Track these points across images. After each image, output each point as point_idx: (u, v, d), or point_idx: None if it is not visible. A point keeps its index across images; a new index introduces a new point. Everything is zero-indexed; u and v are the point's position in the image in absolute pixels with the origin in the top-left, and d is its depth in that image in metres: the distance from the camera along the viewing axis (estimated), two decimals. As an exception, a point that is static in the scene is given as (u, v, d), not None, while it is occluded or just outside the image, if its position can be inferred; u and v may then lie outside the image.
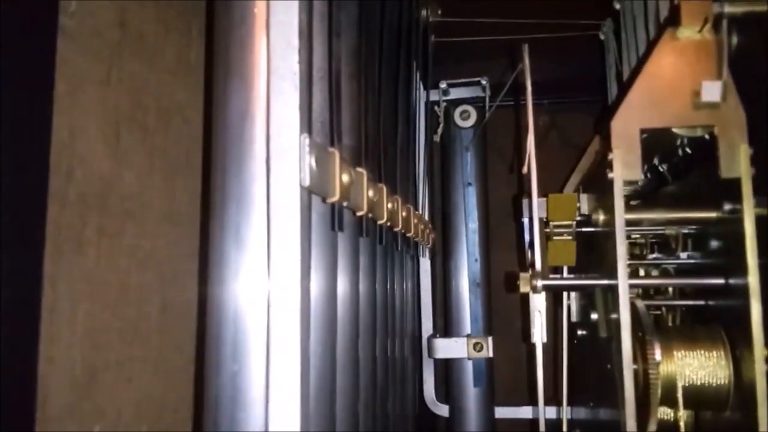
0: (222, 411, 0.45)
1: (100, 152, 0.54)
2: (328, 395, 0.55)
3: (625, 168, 0.60)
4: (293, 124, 0.42)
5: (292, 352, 0.41)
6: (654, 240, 0.86)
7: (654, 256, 0.86)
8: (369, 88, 0.68)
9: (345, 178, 0.49)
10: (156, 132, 0.62)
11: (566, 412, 0.82)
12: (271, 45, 0.44)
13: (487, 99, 1.16)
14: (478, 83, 1.19)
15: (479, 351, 1.07)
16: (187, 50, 0.66)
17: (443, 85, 1.19)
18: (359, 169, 0.57)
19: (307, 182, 0.42)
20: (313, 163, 0.43)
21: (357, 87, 0.63)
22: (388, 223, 0.70)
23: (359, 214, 0.58)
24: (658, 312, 0.83)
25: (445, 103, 1.20)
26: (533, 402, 1.18)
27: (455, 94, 1.21)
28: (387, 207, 0.67)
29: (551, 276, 0.77)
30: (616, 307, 0.62)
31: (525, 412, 1.17)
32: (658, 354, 0.61)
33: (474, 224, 1.14)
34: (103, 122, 0.55)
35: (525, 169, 0.67)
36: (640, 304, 0.64)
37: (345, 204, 0.51)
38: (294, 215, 0.42)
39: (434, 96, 1.20)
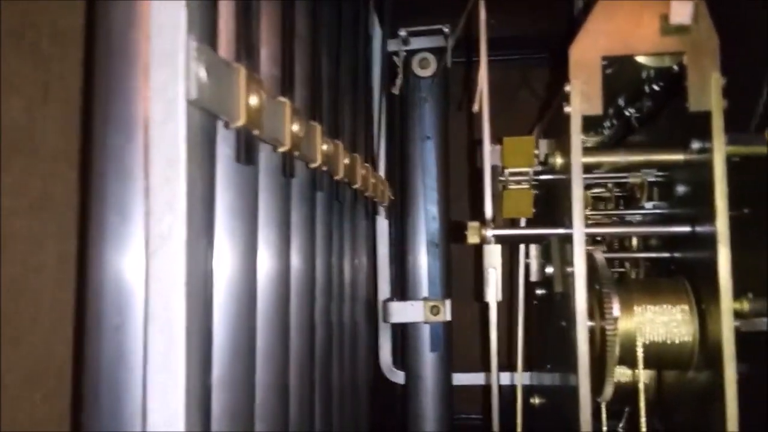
0: (102, 372, 0.39)
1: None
2: (244, 359, 0.48)
3: (584, 101, 0.53)
4: (177, 22, 0.34)
5: (174, 310, 0.34)
6: (619, 193, 0.80)
7: (619, 208, 0.81)
8: (300, 15, 0.60)
9: (254, 100, 0.42)
10: (52, 57, 0.54)
11: (521, 378, 0.77)
12: (155, -70, 0.36)
13: (449, 47, 1.08)
14: (440, 32, 1.11)
15: (436, 314, 1.01)
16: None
17: (403, 33, 1.11)
18: (281, 98, 0.50)
19: (194, 95, 0.34)
20: (203, 73, 0.35)
21: (280, 10, 0.55)
22: (324, 168, 0.63)
23: (281, 149, 0.50)
24: (622, 269, 0.78)
25: (404, 53, 1.13)
26: (487, 368, 1.13)
27: (416, 43, 1.13)
28: (321, 148, 0.59)
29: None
30: (571, 258, 0.56)
31: (482, 378, 1.12)
32: (616, 309, 0.55)
33: (432, 181, 1.07)
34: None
35: (476, 107, 0.60)
36: (599, 255, 0.58)
37: (256, 133, 0.44)
38: (178, 134, 0.34)
39: (393, 46, 1.12)
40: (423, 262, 1.08)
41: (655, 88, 0.61)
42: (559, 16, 1.18)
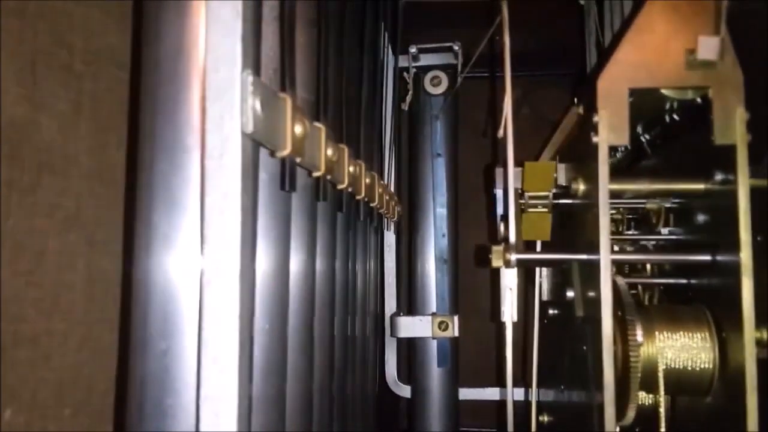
0: (148, 396, 0.39)
1: (12, 94, 0.46)
2: (277, 377, 0.49)
3: (611, 131, 0.54)
4: (234, 57, 0.35)
5: (228, 333, 0.34)
6: (631, 216, 0.81)
7: (631, 232, 0.82)
8: (329, 40, 0.61)
9: (298, 129, 0.42)
10: (84, 76, 0.54)
11: (535, 395, 0.78)
12: (210, -35, 0.37)
13: (460, 65, 1.10)
14: (450, 49, 1.12)
15: (444, 330, 1.02)
16: (124, -15, 0.58)
17: (413, 50, 1.12)
18: (317, 124, 0.50)
19: (250, 128, 0.35)
20: (258, 107, 0.36)
21: (317, 35, 0.55)
22: (350, 189, 0.64)
23: (316, 174, 0.51)
24: (634, 291, 0.79)
25: (415, 70, 1.14)
26: (500, 383, 1.14)
27: (426, 60, 1.14)
28: (348, 170, 0.60)
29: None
30: (594, 284, 0.56)
31: (491, 393, 1.12)
32: (639, 335, 0.56)
33: (442, 197, 1.08)
34: (16, 60, 0.47)
35: (501, 133, 0.61)
36: (621, 281, 0.59)
37: (298, 160, 0.44)
38: (234, 167, 0.35)
39: (404, 62, 1.13)
40: (431, 277, 1.08)
41: (676, 118, 0.62)
42: (565, 34, 1.20)
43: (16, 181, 0.46)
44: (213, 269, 0.35)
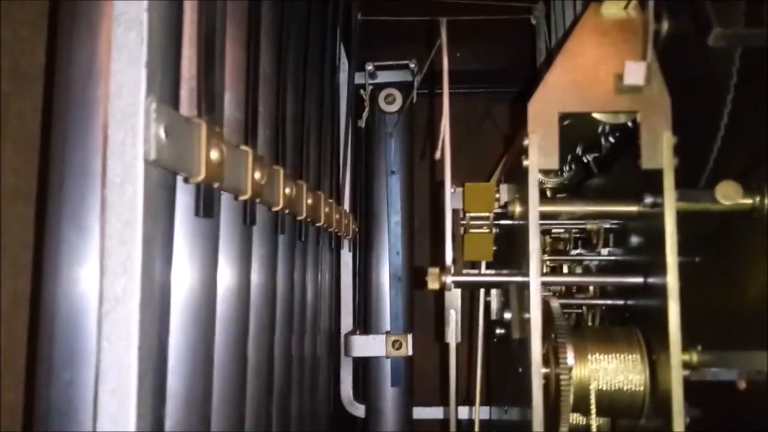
0: (52, 426, 0.38)
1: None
2: (199, 404, 0.47)
3: (542, 155, 0.55)
4: (137, 83, 0.35)
5: (127, 364, 0.34)
6: (578, 235, 0.82)
7: (577, 252, 0.82)
8: (265, 58, 0.61)
9: (215, 154, 0.42)
10: (10, 95, 0.53)
11: (478, 414, 0.78)
12: (116, -12, 0.36)
13: (416, 83, 1.10)
14: (407, 66, 1.13)
15: (398, 349, 1.02)
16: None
17: (370, 67, 1.12)
18: (243, 147, 0.50)
19: (152, 155, 0.35)
20: (162, 133, 0.35)
21: (246, 55, 0.55)
22: (287, 211, 0.63)
23: (242, 198, 0.50)
24: (579, 311, 0.80)
25: (371, 86, 1.14)
26: (447, 402, 1.14)
27: (383, 77, 1.15)
28: (284, 191, 0.60)
29: (465, 272, 0.71)
30: (528, 306, 0.57)
31: (442, 412, 1.12)
32: (570, 358, 0.56)
33: (396, 215, 1.08)
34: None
35: (438, 154, 0.61)
36: (555, 303, 0.59)
37: (216, 185, 0.44)
38: (135, 195, 0.34)
39: (360, 79, 1.13)
40: (386, 295, 1.08)
41: (611, 139, 0.63)
42: (523, 50, 1.21)
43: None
44: (112, 300, 0.34)
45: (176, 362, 0.44)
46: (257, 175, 0.51)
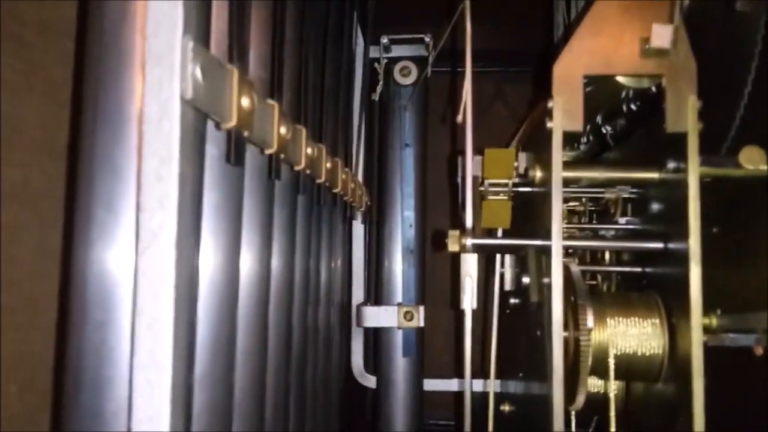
0: (84, 366, 0.38)
1: (-45, 60, 0.45)
2: (224, 356, 0.48)
3: (566, 117, 0.55)
4: (174, 21, 0.35)
5: (164, 298, 0.34)
6: (593, 207, 0.82)
7: (593, 223, 0.82)
8: (289, 20, 0.61)
9: (245, 102, 0.42)
10: (35, 48, 0.53)
11: (494, 385, 0.78)
12: (154, -70, 0.36)
13: (430, 57, 1.10)
14: (422, 41, 1.12)
15: (410, 320, 1.02)
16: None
17: (385, 40, 1.12)
18: (270, 101, 0.50)
19: (189, 94, 0.35)
20: (199, 73, 0.35)
21: (272, 13, 0.55)
22: (308, 171, 0.63)
23: (268, 152, 0.51)
24: (594, 282, 0.80)
25: (386, 60, 1.14)
26: (458, 374, 1.14)
27: (397, 51, 1.14)
28: (306, 151, 0.60)
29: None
30: (548, 270, 0.57)
31: (454, 384, 1.13)
32: (590, 320, 0.56)
33: (410, 188, 1.08)
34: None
35: (459, 118, 0.61)
36: (575, 267, 0.60)
37: (246, 134, 0.44)
38: (172, 132, 0.34)
39: (376, 53, 1.13)
40: (398, 267, 1.09)
41: (633, 107, 0.63)
42: (538, 31, 1.21)
43: (-43, 149, 0.45)
44: (149, 235, 0.34)
45: (203, 310, 0.45)
46: (283, 130, 0.51)
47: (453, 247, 0.60)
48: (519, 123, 1.33)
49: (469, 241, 0.60)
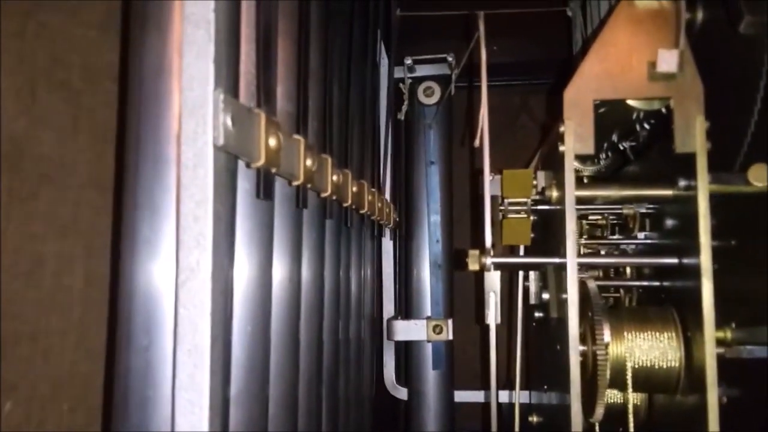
0: (131, 388, 0.42)
1: (11, 110, 0.50)
2: (259, 375, 0.52)
3: (577, 141, 0.57)
4: (206, 77, 0.38)
5: (202, 327, 0.38)
6: (615, 221, 0.84)
7: (615, 237, 0.84)
8: (312, 54, 0.64)
9: (273, 141, 0.46)
10: (82, 92, 0.58)
11: (518, 396, 0.80)
12: (187, -8, 0.40)
13: (453, 76, 1.13)
14: (445, 60, 1.15)
15: (439, 333, 1.05)
16: (118, 5, 0.62)
17: (408, 61, 1.15)
18: (296, 136, 0.54)
19: (221, 141, 0.39)
20: (229, 122, 0.39)
21: (297, 50, 0.59)
22: (334, 197, 0.67)
23: (295, 183, 0.54)
24: (618, 295, 0.81)
25: (410, 80, 1.17)
26: (488, 386, 1.16)
27: (421, 71, 1.18)
28: (331, 179, 0.63)
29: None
30: (564, 286, 0.59)
31: (482, 396, 1.15)
32: (606, 334, 0.58)
33: (436, 204, 1.11)
34: (16, 79, 0.51)
35: (477, 143, 0.64)
36: (592, 283, 0.62)
37: (274, 171, 0.48)
38: (206, 177, 0.38)
39: (399, 73, 1.17)
40: (426, 282, 1.11)
41: (646, 126, 0.65)
42: (560, 42, 1.23)
43: (15, 190, 0.50)
44: (187, 270, 0.38)
45: (238, 330, 0.49)
46: (308, 162, 0.55)
47: (473, 266, 0.63)
48: (544, 134, 1.35)
49: (489, 260, 0.63)
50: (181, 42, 0.39)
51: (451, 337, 1.06)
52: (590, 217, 0.83)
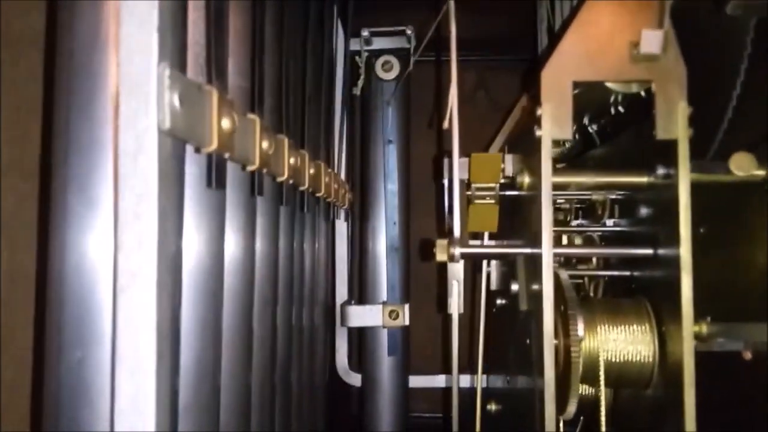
0: (63, 405, 0.37)
1: None
2: (209, 375, 0.47)
3: (555, 125, 0.54)
4: (149, 48, 0.33)
5: (145, 344, 0.32)
6: (579, 205, 0.81)
7: (578, 222, 0.82)
8: (268, 24, 0.58)
9: (226, 123, 0.40)
10: (3, 61, 0.51)
11: (480, 384, 0.78)
12: (125, -51, 0.34)
13: (412, 50, 1.08)
14: (403, 33, 1.10)
15: (395, 319, 1.01)
16: (46, -36, 0.54)
17: (365, 33, 1.09)
18: (250, 116, 0.48)
19: (167, 125, 0.33)
20: (176, 101, 0.34)
21: (251, 21, 0.53)
22: (291, 181, 0.62)
23: (250, 168, 0.49)
24: (580, 281, 0.79)
25: (366, 53, 1.11)
26: (447, 370, 1.14)
27: (378, 44, 1.12)
28: (289, 162, 0.58)
29: (471, 243, 0.71)
30: (538, 278, 0.56)
31: (439, 380, 1.12)
32: (581, 329, 0.56)
33: (393, 185, 1.07)
34: None
35: (446, 124, 0.60)
36: (564, 275, 0.59)
37: (227, 156, 0.42)
38: (150, 167, 0.33)
39: (356, 46, 1.11)
40: (383, 265, 1.07)
41: (621, 110, 0.62)
42: (521, 18, 1.19)
43: None
44: (128, 275, 0.33)
45: (187, 334, 0.43)
46: (265, 144, 0.49)
47: (441, 256, 0.59)
48: (502, 111, 1.32)
49: (457, 251, 0.59)
50: (119, 7, 0.33)
51: (407, 322, 1.03)
52: (556, 201, 0.80)
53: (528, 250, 0.58)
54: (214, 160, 0.41)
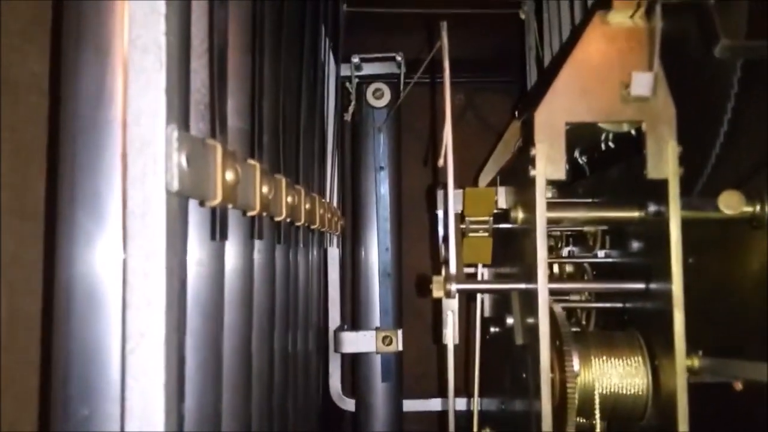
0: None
1: None
2: (210, 413, 0.47)
3: (549, 164, 0.55)
4: (157, 111, 0.33)
5: (155, 404, 0.33)
6: (569, 232, 0.82)
7: (569, 249, 0.83)
8: (266, 62, 0.59)
9: (230, 176, 0.41)
10: (3, 107, 0.51)
11: (477, 411, 0.78)
12: (131, 10, 0.35)
13: (402, 76, 1.09)
14: (393, 59, 1.11)
15: (388, 345, 1.02)
16: (46, 11, 0.55)
17: (355, 59, 1.10)
18: (251, 162, 0.49)
19: (175, 186, 0.33)
20: (184, 162, 0.34)
21: (251, 62, 0.54)
22: (288, 219, 0.62)
23: (251, 214, 0.49)
24: (570, 307, 0.80)
25: (357, 79, 1.12)
26: (442, 393, 1.15)
27: (368, 69, 1.13)
28: (286, 201, 0.59)
29: (466, 274, 0.72)
30: (533, 312, 0.57)
31: (434, 404, 1.13)
32: (576, 364, 0.56)
33: (385, 211, 1.07)
34: None
35: (441, 162, 0.60)
36: (558, 308, 0.60)
37: (230, 206, 0.43)
38: (158, 227, 0.33)
39: (346, 71, 1.12)
40: (375, 291, 1.08)
41: (611, 146, 0.63)
42: (507, 41, 1.21)
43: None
44: (137, 336, 0.33)
45: (190, 379, 0.44)
46: (265, 189, 0.50)
47: (438, 293, 0.60)
48: (490, 131, 1.33)
49: (453, 287, 0.60)
50: (127, 69, 0.34)
51: (401, 348, 1.03)
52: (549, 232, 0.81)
53: (523, 286, 0.59)
54: (219, 213, 0.41)
